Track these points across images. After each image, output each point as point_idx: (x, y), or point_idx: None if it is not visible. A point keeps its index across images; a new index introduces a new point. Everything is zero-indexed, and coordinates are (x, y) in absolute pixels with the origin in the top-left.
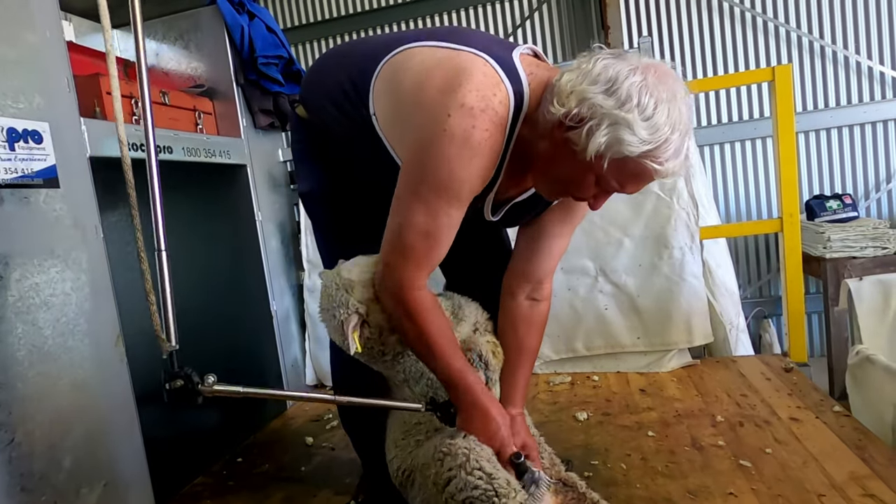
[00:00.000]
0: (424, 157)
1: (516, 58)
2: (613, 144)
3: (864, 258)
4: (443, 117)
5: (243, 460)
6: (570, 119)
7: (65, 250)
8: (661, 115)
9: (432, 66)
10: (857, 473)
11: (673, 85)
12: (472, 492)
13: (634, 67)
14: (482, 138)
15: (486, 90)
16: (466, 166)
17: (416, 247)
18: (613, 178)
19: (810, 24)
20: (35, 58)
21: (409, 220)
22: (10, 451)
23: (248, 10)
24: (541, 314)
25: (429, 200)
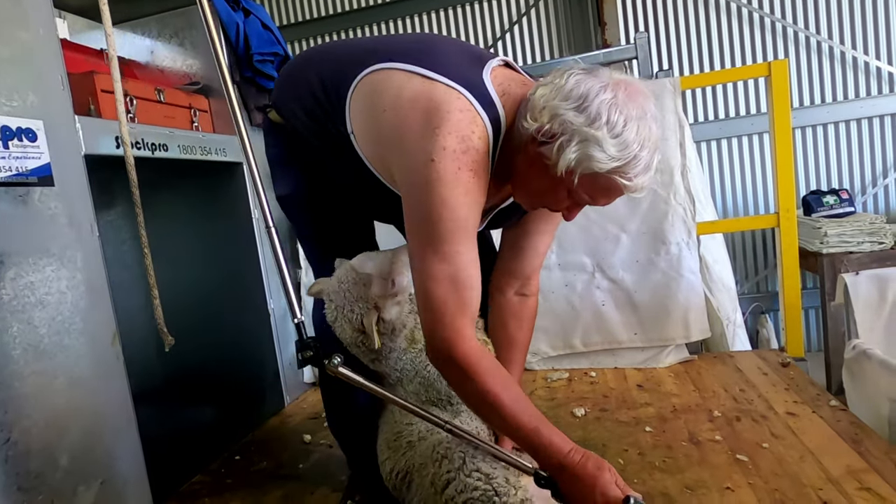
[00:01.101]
0: (422, 208)
1: (488, 78)
2: (583, 160)
3: (861, 253)
4: (428, 164)
5: (241, 458)
6: (542, 134)
7: (60, 249)
8: (630, 133)
9: (408, 100)
10: (854, 467)
11: (643, 102)
12: (472, 493)
13: (605, 84)
14: (469, 177)
15: (465, 129)
16: (462, 205)
17: (447, 298)
18: (584, 192)
19: (806, 20)
20: (29, 56)
21: (429, 274)
22: (7, 450)
23: (244, 7)
24: (530, 309)
25: (438, 247)
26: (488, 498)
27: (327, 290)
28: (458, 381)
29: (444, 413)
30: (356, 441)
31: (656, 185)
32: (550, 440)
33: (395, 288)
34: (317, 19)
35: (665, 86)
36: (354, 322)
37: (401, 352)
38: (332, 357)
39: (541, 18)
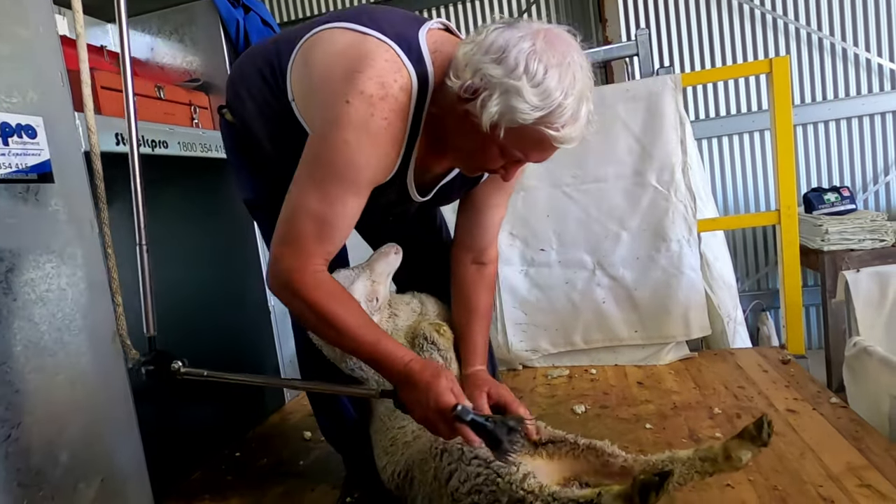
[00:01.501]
0: (322, 143)
1: (423, 36)
2: (506, 113)
3: (862, 250)
4: (342, 104)
5: (241, 455)
6: (465, 91)
7: (60, 245)
8: (551, 80)
9: (338, 51)
10: (854, 464)
11: (564, 49)
12: (476, 479)
13: (524, 34)
14: (380, 126)
15: (387, 76)
16: (364, 153)
17: (307, 233)
18: (514, 148)
19: (808, 16)
20: (28, 52)
21: (303, 204)
22: (7, 446)
23: (244, 4)
24: (488, 275)
25: (324, 186)
26: (491, 481)
27: None
28: (300, 308)
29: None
30: (350, 447)
31: (657, 181)
32: (390, 351)
33: (378, 304)
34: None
35: (666, 82)
36: None
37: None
38: (172, 364)
39: (542, 15)
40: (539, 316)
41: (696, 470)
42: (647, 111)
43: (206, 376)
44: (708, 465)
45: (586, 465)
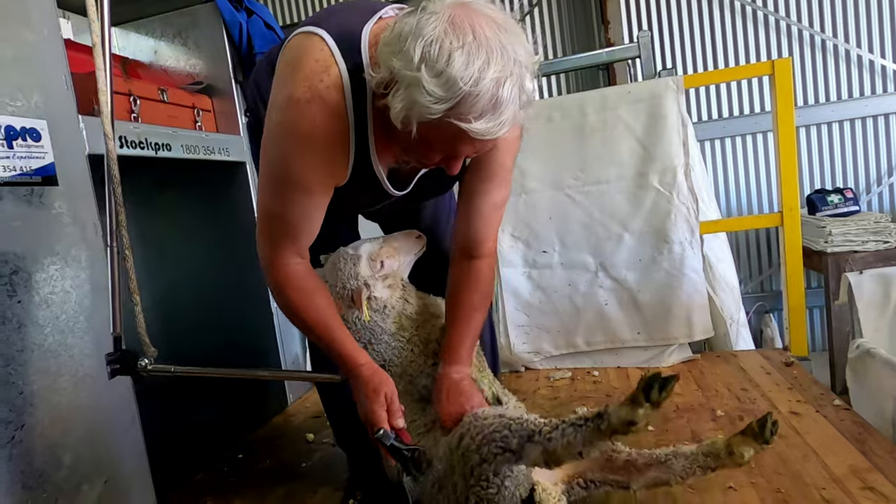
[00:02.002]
0: (264, 152)
1: (368, 27)
2: (411, 107)
3: (866, 252)
4: (276, 111)
5: (244, 456)
6: (379, 86)
7: (64, 248)
8: (456, 67)
9: (284, 58)
10: (857, 467)
11: (476, 29)
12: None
13: (429, 16)
14: (311, 129)
15: (313, 78)
16: (301, 158)
17: (273, 231)
18: (435, 144)
19: (811, 18)
20: (33, 56)
21: (263, 207)
22: (11, 448)
23: (247, 7)
24: (480, 269)
25: (275, 189)
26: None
27: (322, 272)
28: (277, 300)
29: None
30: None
31: (659, 183)
32: (346, 351)
33: (383, 270)
34: None
35: (668, 84)
36: (346, 298)
37: (390, 337)
38: (139, 360)
39: (543, 17)
40: (541, 318)
41: (699, 464)
42: (649, 113)
43: (173, 372)
44: (710, 460)
45: (590, 461)
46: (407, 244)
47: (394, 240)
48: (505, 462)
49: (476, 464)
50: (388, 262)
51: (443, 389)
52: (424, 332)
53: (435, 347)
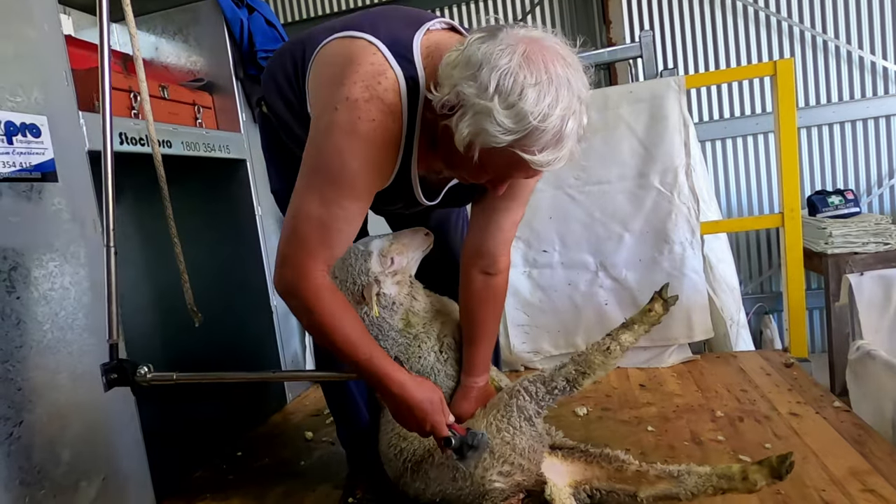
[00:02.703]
0: (317, 151)
1: (418, 38)
2: (478, 134)
3: (866, 254)
4: (331, 112)
5: (243, 454)
6: (443, 107)
7: (63, 244)
8: (527, 102)
9: (330, 61)
10: (857, 468)
11: (549, 66)
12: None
13: (504, 47)
14: (369, 128)
15: (371, 79)
16: (357, 157)
17: (310, 237)
18: (492, 168)
19: (813, 19)
20: (33, 52)
21: (303, 210)
22: (9, 444)
23: (248, 4)
24: (496, 287)
25: (322, 191)
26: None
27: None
28: (301, 313)
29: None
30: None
31: (660, 183)
32: (385, 369)
33: (393, 266)
34: (320, 16)
35: (670, 85)
36: (356, 293)
37: (397, 334)
38: (139, 369)
39: (545, 16)
40: (541, 317)
41: (712, 484)
42: (650, 113)
43: (175, 380)
44: (724, 482)
45: (598, 470)
46: (415, 241)
47: (403, 237)
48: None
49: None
50: (398, 258)
51: (470, 397)
52: (432, 329)
53: (440, 345)
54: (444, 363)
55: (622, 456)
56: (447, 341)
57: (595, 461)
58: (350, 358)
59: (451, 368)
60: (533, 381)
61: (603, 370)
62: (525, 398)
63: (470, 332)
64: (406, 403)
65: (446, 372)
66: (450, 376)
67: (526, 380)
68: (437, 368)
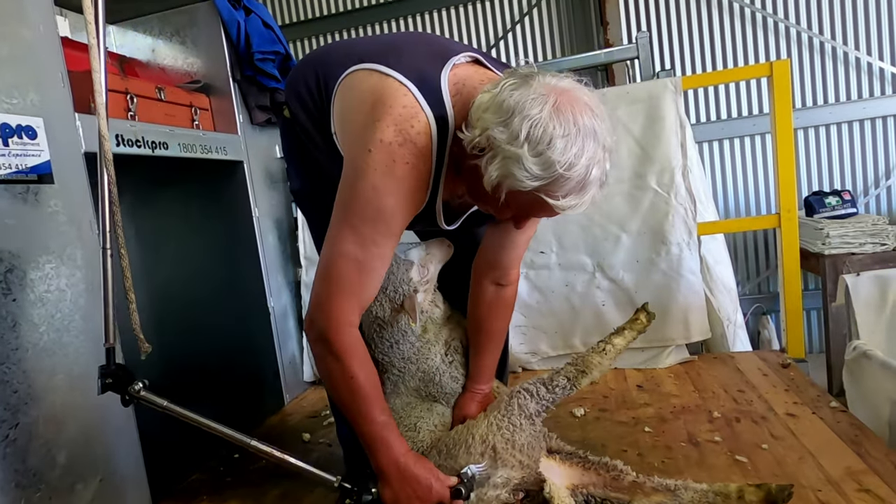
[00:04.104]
0: (352, 191)
1: (445, 76)
2: (506, 178)
3: (863, 254)
4: (365, 153)
5: (240, 456)
6: (473, 147)
7: (59, 246)
8: (554, 152)
9: (361, 98)
10: (853, 469)
11: (577, 117)
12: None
13: (536, 97)
14: (404, 171)
15: (404, 123)
16: (393, 197)
17: (347, 277)
18: (516, 207)
19: (809, 20)
20: (29, 53)
21: (340, 249)
22: (5, 447)
23: (245, 6)
24: (506, 298)
25: (359, 230)
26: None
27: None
28: (327, 359)
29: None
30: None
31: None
32: (392, 439)
33: (428, 274)
34: (317, 18)
35: (666, 86)
36: (395, 301)
37: (415, 338)
38: (134, 383)
39: (543, 18)
40: (538, 318)
41: (708, 501)
42: (647, 114)
43: (164, 407)
44: (720, 499)
45: (595, 477)
46: (440, 252)
47: (431, 246)
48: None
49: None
50: (431, 268)
51: (474, 402)
52: (443, 335)
53: (447, 348)
54: (448, 365)
55: (620, 465)
56: (454, 345)
57: (592, 468)
58: (365, 416)
59: (456, 371)
60: (533, 383)
61: (599, 370)
62: (525, 397)
63: (477, 340)
64: (406, 474)
65: (451, 374)
66: (454, 378)
67: (526, 382)
68: (441, 370)
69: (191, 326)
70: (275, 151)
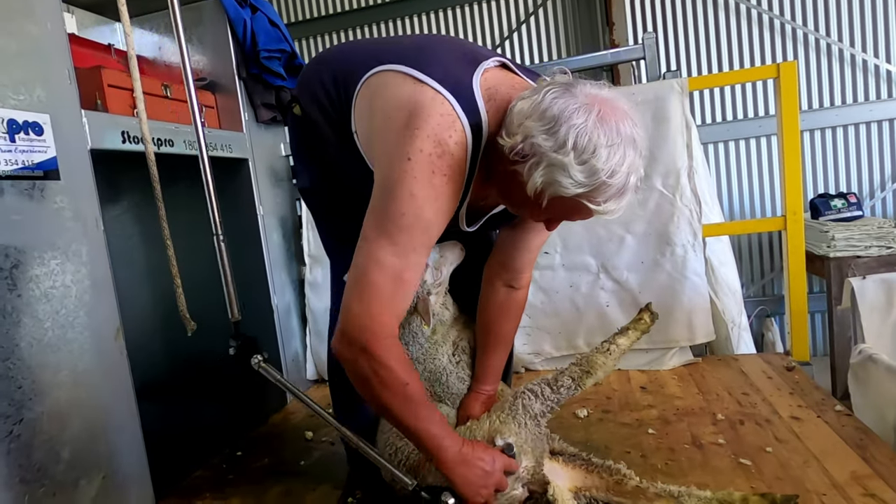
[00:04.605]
0: (390, 198)
1: (477, 82)
2: (550, 185)
3: (869, 257)
4: (404, 162)
5: (243, 454)
6: (514, 154)
7: (65, 243)
8: (599, 160)
9: (396, 104)
10: (858, 473)
11: (618, 125)
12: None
13: (580, 106)
14: (441, 182)
15: (442, 133)
16: (431, 206)
17: (384, 286)
18: (555, 211)
19: (816, 22)
20: (36, 49)
21: (377, 258)
22: (10, 442)
23: (251, 4)
24: (517, 301)
25: (396, 239)
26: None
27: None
28: (377, 371)
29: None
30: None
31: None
32: (445, 430)
33: (441, 277)
34: (324, 17)
35: (672, 87)
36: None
37: (425, 340)
38: (253, 356)
39: (549, 18)
40: (542, 319)
41: None
42: (653, 115)
43: (278, 380)
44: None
45: (598, 480)
46: (453, 255)
47: (444, 249)
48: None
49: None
50: (444, 270)
51: (479, 402)
52: (451, 336)
53: (455, 348)
54: (455, 365)
55: (623, 470)
56: (462, 345)
57: (596, 471)
58: (423, 418)
59: (462, 371)
60: (537, 383)
61: (603, 370)
62: (530, 397)
63: (486, 341)
64: (475, 455)
65: (458, 374)
66: (461, 379)
67: (531, 383)
68: (448, 370)
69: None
70: (280, 149)
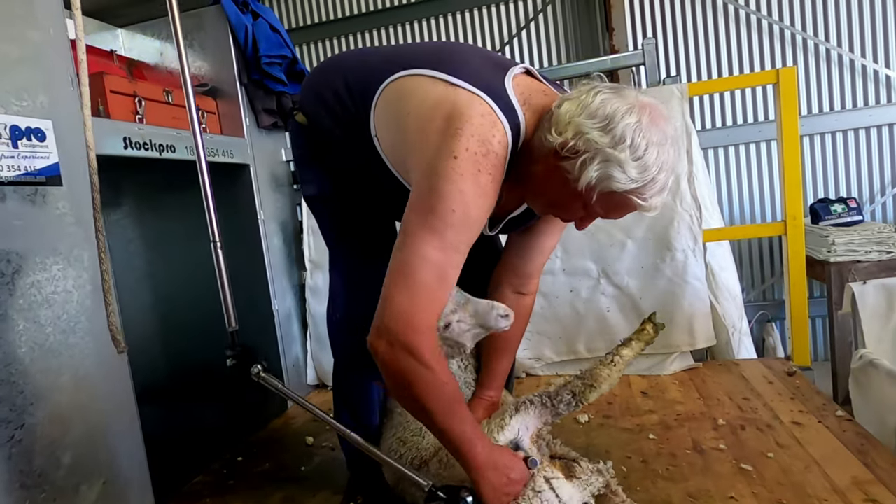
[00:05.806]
0: (436, 195)
1: (509, 86)
2: (604, 179)
3: (869, 262)
4: (449, 160)
5: (244, 459)
6: (565, 150)
7: (67, 248)
8: (650, 157)
9: (432, 106)
10: (860, 478)
11: (665, 127)
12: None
13: (631, 107)
14: (487, 181)
15: (486, 133)
16: (477, 204)
17: (428, 282)
18: (600, 207)
19: (815, 27)
20: (39, 56)
21: (421, 253)
22: (10, 447)
23: (252, 10)
24: (525, 307)
25: (443, 234)
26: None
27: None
28: (417, 370)
29: None
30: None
31: None
32: (482, 434)
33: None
34: (325, 22)
35: (672, 92)
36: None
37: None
38: (253, 367)
39: (549, 23)
40: (543, 324)
41: None
42: None
43: (279, 389)
44: None
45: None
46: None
47: (476, 304)
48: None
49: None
50: (457, 326)
51: (481, 407)
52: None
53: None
54: (464, 371)
55: (613, 486)
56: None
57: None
58: (461, 418)
59: (469, 377)
60: (539, 395)
61: (608, 383)
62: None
63: (492, 347)
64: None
65: (465, 380)
66: (468, 384)
67: (532, 394)
68: (458, 375)
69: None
70: (281, 155)
